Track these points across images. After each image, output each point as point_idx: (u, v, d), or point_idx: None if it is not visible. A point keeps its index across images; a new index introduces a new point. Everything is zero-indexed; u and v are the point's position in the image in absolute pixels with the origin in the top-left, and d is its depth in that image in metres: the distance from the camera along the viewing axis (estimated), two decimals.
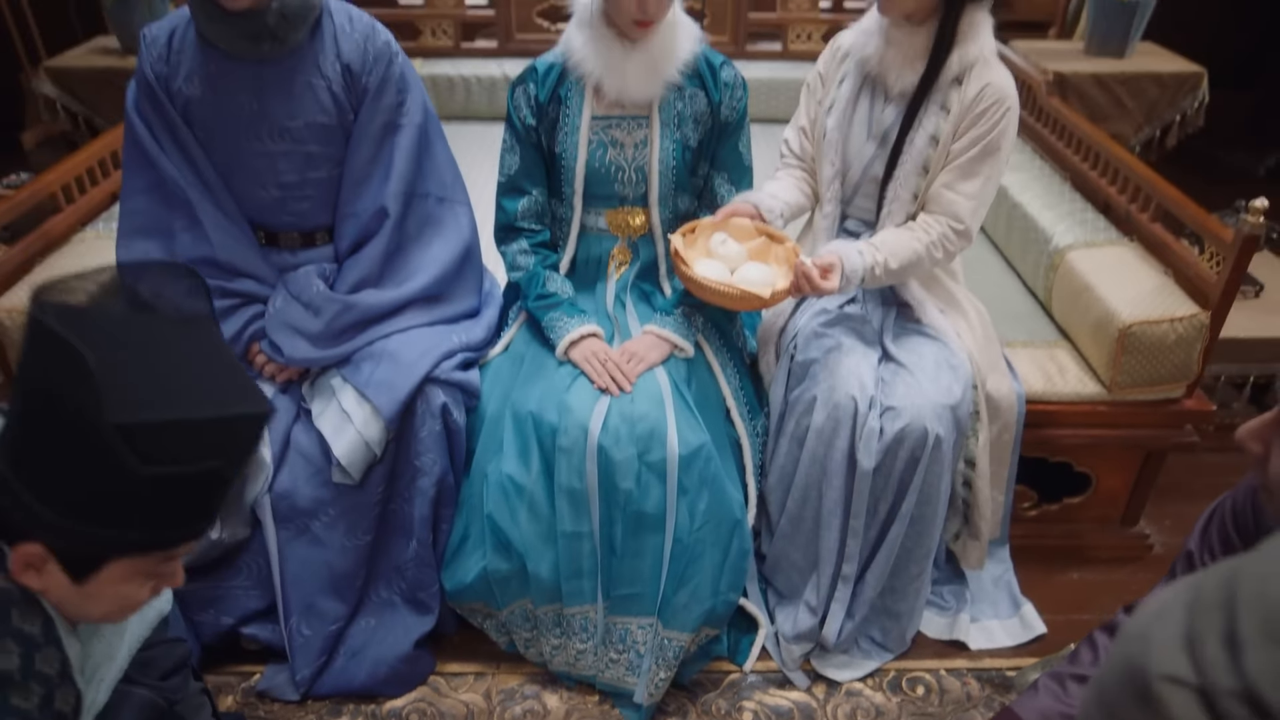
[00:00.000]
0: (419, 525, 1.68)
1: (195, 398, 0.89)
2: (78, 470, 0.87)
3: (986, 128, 1.58)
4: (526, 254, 1.79)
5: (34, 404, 0.88)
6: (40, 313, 0.86)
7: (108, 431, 0.83)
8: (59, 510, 0.88)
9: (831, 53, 1.75)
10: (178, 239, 1.69)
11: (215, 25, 1.57)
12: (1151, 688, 0.58)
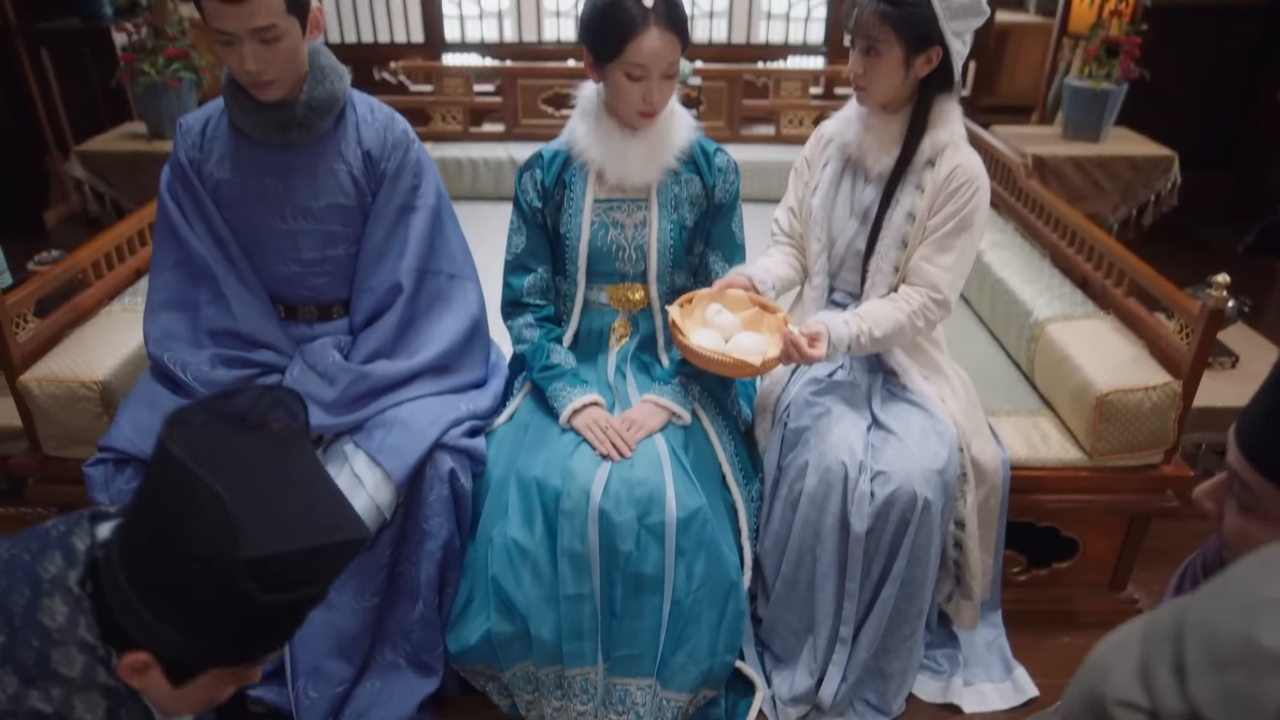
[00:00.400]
0: (425, 587, 1.74)
1: (311, 527, 0.95)
2: (198, 594, 0.92)
3: (959, 205, 1.70)
4: (532, 327, 1.89)
5: (160, 527, 0.93)
6: (172, 446, 0.91)
7: (237, 565, 0.88)
8: (173, 626, 0.93)
9: (816, 139, 1.88)
10: (202, 312, 1.79)
11: (248, 116, 1.70)
12: (1108, 712, 0.65)
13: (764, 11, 4.49)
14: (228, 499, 0.88)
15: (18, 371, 1.87)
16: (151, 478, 0.94)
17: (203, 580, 0.90)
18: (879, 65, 1.67)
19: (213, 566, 0.89)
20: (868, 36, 1.66)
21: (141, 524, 0.95)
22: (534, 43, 4.44)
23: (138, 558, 0.94)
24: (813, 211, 1.86)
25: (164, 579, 0.93)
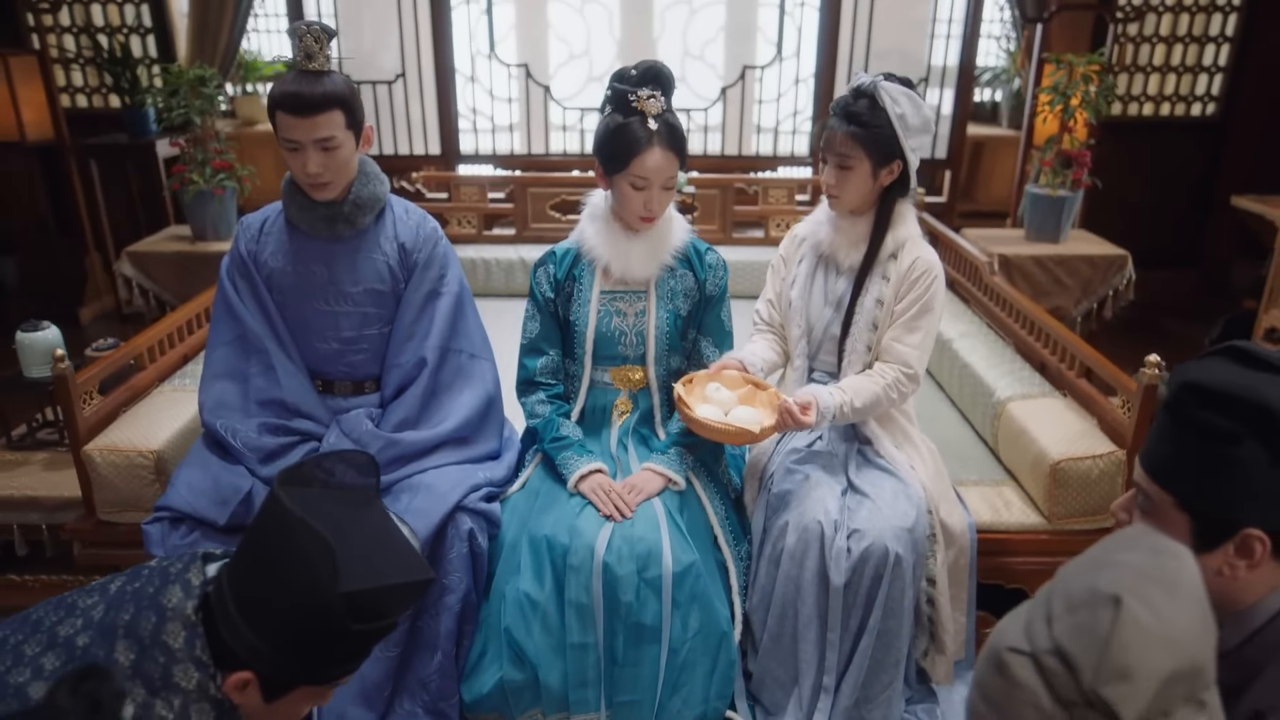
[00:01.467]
0: (444, 639, 1.91)
1: (391, 567, 1.15)
2: (299, 622, 1.10)
3: (920, 292, 1.95)
4: (544, 404, 2.11)
5: (269, 565, 1.11)
6: (285, 498, 1.11)
7: (335, 598, 1.07)
8: (275, 648, 1.12)
9: (790, 239, 2.14)
10: (252, 382, 2.02)
11: (303, 212, 1.98)
12: (1001, 658, 0.86)
13: (755, 126, 4.87)
14: (333, 543, 1.08)
15: (82, 442, 2.09)
16: (261, 524, 1.14)
17: (305, 610, 1.09)
18: (850, 178, 1.94)
19: (314, 599, 1.08)
20: (839, 154, 1.93)
21: (252, 562, 1.14)
22: (542, 154, 4.80)
23: (247, 590, 1.13)
24: (792, 302, 2.11)
25: (270, 608, 1.11)
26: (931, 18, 4.51)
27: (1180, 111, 4.98)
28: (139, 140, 4.50)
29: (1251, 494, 1.10)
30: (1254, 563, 1.13)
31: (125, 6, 4.68)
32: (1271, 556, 1.13)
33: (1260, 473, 1.09)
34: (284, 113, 1.86)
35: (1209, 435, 1.11)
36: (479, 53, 4.68)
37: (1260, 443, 1.08)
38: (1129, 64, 4.85)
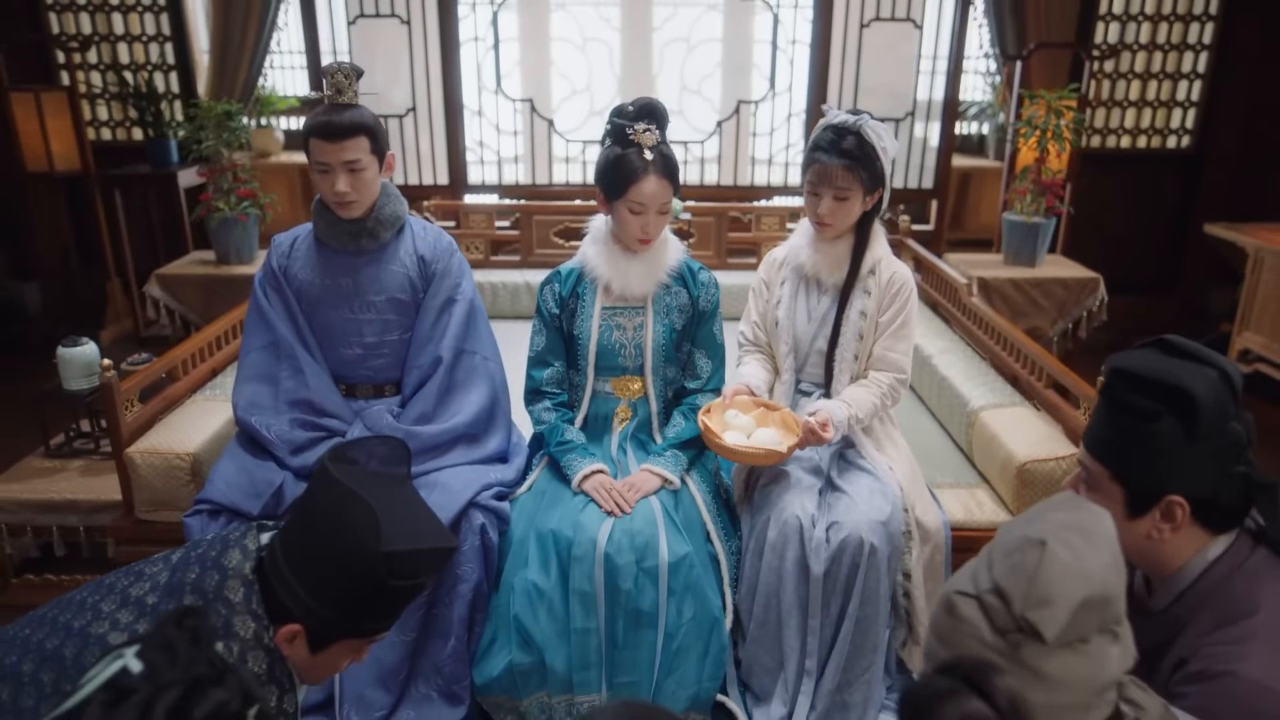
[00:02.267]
0: (457, 625, 2.07)
1: (424, 534, 1.32)
2: (345, 578, 1.27)
3: (901, 303, 2.14)
4: (550, 411, 2.28)
5: (320, 529, 1.28)
6: (335, 466, 1.30)
7: (378, 557, 1.24)
8: (323, 603, 1.28)
9: (770, 264, 2.31)
10: (283, 384, 2.20)
11: (331, 228, 2.18)
12: (950, 599, 1.03)
13: (750, 158, 5.08)
14: (377, 510, 1.26)
15: (125, 445, 2.26)
16: (313, 494, 1.32)
17: (350, 567, 1.26)
18: (845, 208, 2.13)
19: (360, 557, 1.26)
20: (837, 186, 2.11)
21: (304, 527, 1.32)
22: (545, 184, 5.00)
23: (299, 551, 1.30)
24: (779, 322, 2.28)
25: (320, 567, 1.28)
26: (917, 55, 4.72)
27: (1157, 144, 5.20)
28: (161, 171, 4.71)
29: (1171, 465, 1.28)
30: (1176, 526, 1.30)
31: (150, 45, 4.92)
32: (1192, 521, 1.30)
33: (1178, 446, 1.27)
34: (316, 139, 2.07)
35: (1134, 414, 1.30)
36: (485, 88, 4.89)
37: (1178, 419, 1.26)
38: (1106, 99, 5.08)
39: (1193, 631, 1.30)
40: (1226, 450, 1.28)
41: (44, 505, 2.52)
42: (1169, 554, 1.34)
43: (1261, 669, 1.18)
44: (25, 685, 1.26)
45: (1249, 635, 1.23)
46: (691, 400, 2.30)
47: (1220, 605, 1.28)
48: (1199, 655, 1.25)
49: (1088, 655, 0.97)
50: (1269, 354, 4.20)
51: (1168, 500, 1.29)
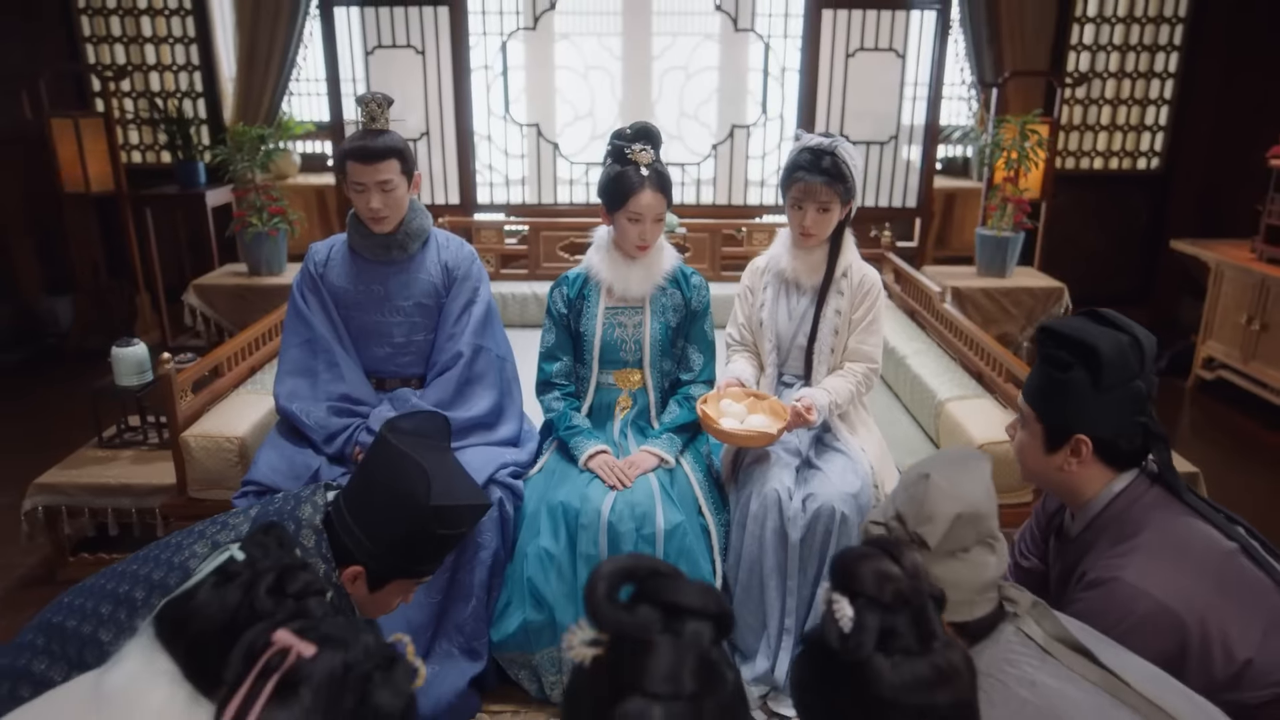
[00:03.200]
0: (478, 588, 2.32)
1: (464, 492, 1.59)
2: (399, 527, 1.53)
3: (871, 301, 2.43)
4: (558, 400, 2.56)
5: (379, 485, 1.55)
6: (392, 434, 1.57)
7: (428, 509, 1.51)
8: (380, 548, 1.54)
9: (752, 272, 2.58)
10: (320, 377, 2.47)
11: (364, 240, 2.45)
12: (867, 527, 1.30)
13: (744, 179, 5.37)
14: (428, 469, 1.52)
15: (180, 429, 2.53)
16: (372, 457, 1.59)
17: (404, 517, 1.53)
18: (827, 219, 2.41)
19: (412, 509, 1.52)
20: (820, 201, 2.38)
21: (365, 484, 1.59)
22: (550, 204, 5.30)
23: (362, 505, 1.57)
24: (763, 323, 2.56)
25: (379, 517, 1.55)
26: (900, 82, 5.03)
27: (1128, 166, 5.50)
28: (189, 191, 5.01)
29: (1079, 409, 1.56)
30: (1082, 460, 1.57)
31: (180, 74, 5.24)
32: (1095, 458, 1.57)
33: (1086, 393, 1.54)
34: (353, 161, 2.35)
35: (1054, 364, 1.58)
36: (494, 114, 5.20)
37: (1086, 371, 1.54)
38: (1079, 123, 5.39)
39: (1095, 552, 1.57)
40: (1128, 401, 1.55)
41: (99, 489, 2.78)
42: (1080, 486, 1.61)
43: (1139, 575, 1.45)
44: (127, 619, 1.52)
45: (1133, 549, 1.49)
46: (685, 390, 2.58)
47: (1117, 529, 1.55)
48: (1095, 568, 1.52)
49: (969, 562, 1.24)
50: (1230, 361, 4.47)
51: (1075, 438, 1.56)
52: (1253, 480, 3.84)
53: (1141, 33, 5.27)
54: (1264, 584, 1.51)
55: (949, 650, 1.03)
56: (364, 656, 0.97)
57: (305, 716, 0.92)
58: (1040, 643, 1.29)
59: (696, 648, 0.89)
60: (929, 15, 4.81)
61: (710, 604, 0.92)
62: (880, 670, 0.99)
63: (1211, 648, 1.44)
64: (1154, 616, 1.43)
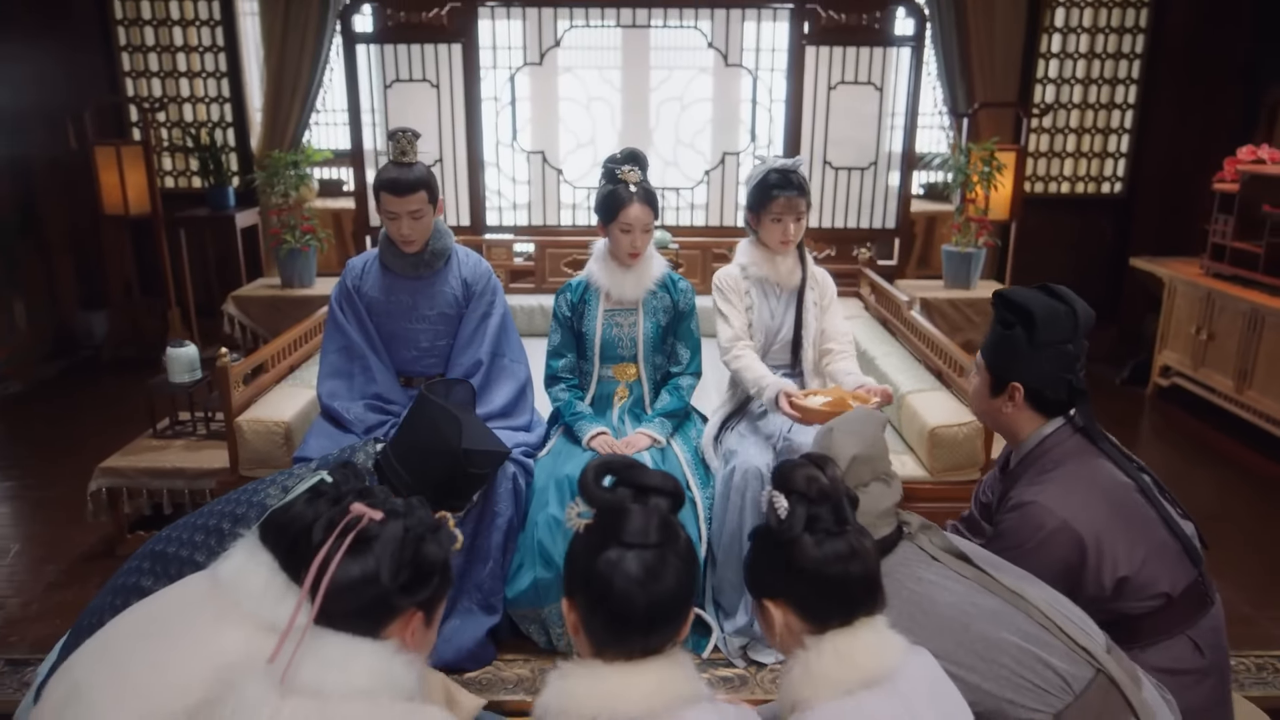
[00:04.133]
0: (495, 551, 2.67)
1: (488, 442, 1.96)
2: (435, 466, 1.88)
3: (832, 293, 2.84)
4: (564, 391, 2.92)
5: (419, 433, 1.91)
6: (430, 394, 1.94)
7: (459, 451, 1.87)
8: (420, 484, 1.88)
9: (733, 283, 2.87)
10: (355, 379, 2.83)
11: (394, 258, 2.82)
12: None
13: (734, 203, 5.75)
14: (460, 420, 1.88)
15: (234, 415, 2.89)
16: (414, 412, 1.95)
17: (440, 458, 1.88)
18: (801, 226, 2.78)
19: (446, 451, 1.88)
20: (798, 211, 2.76)
21: (408, 434, 1.95)
22: (554, 225, 5.69)
23: (405, 450, 1.93)
24: (751, 322, 2.92)
25: (419, 459, 1.90)
26: (878, 113, 5.43)
27: (1093, 190, 5.90)
28: (219, 213, 5.40)
29: (1015, 361, 1.91)
30: (1016, 405, 1.92)
31: (211, 105, 5.65)
32: (1026, 404, 1.91)
33: (1022, 348, 1.89)
34: (386, 193, 2.71)
35: (1000, 323, 1.94)
36: (502, 142, 5.60)
37: (1024, 329, 1.89)
38: (1046, 150, 5.79)
39: (1022, 482, 1.92)
40: (1058, 359, 1.88)
41: (155, 472, 3.14)
42: (1016, 427, 1.96)
43: (1051, 499, 1.80)
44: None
45: (1050, 480, 1.84)
46: (675, 381, 2.94)
47: (1041, 465, 1.90)
48: (1018, 494, 1.87)
49: (868, 494, 1.60)
50: (1183, 369, 4.83)
51: (1011, 385, 1.92)
52: (1205, 474, 4.19)
53: (1102, 67, 5.68)
54: (1153, 520, 1.85)
55: (860, 535, 1.39)
56: (418, 522, 1.34)
57: (375, 564, 1.28)
58: (930, 552, 1.65)
59: (659, 513, 1.26)
60: (904, 51, 5.22)
61: (668, 484, 1.29)
62: (807, 547, 1.35)
63: (1103, 562, 1.79)
64: (1059, 532, 1.78)
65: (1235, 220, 4.47)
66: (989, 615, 1.57)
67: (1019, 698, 1.51)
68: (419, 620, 1.35)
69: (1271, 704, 2.43)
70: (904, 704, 1.32)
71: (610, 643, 1.27)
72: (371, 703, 1.23)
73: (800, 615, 1.37)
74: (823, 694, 1.31)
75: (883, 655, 1.34)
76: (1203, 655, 1.83)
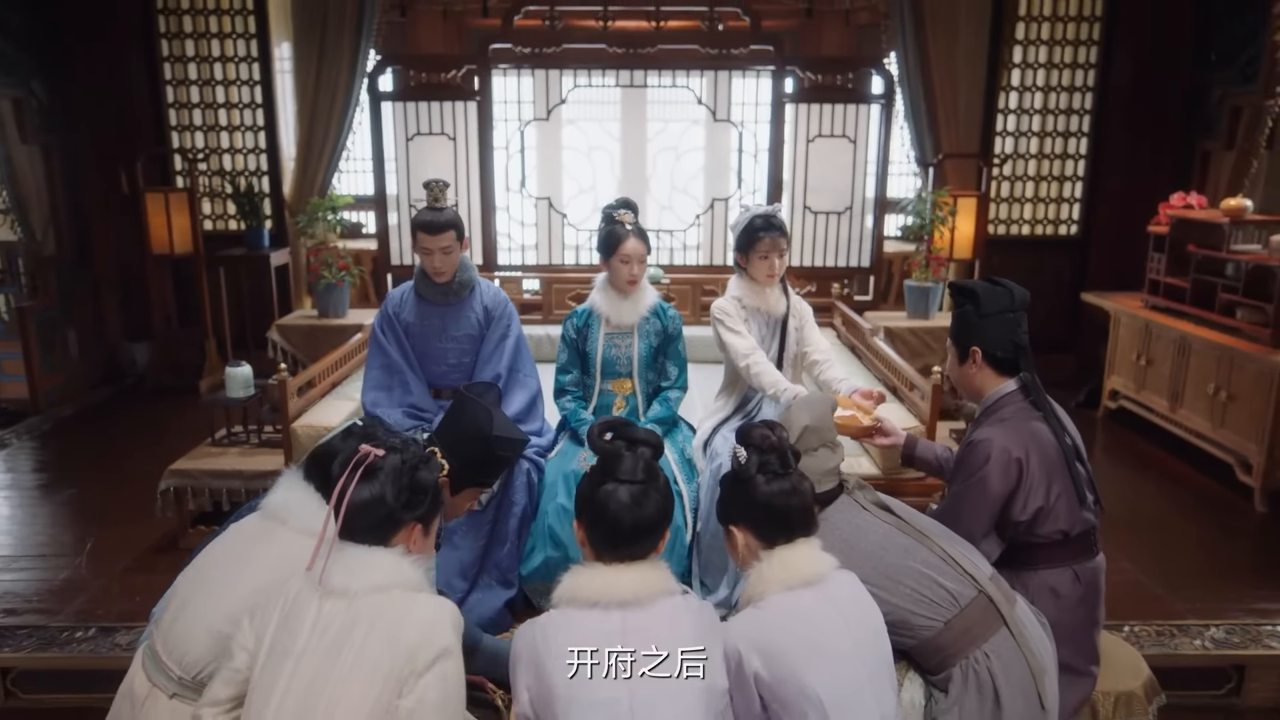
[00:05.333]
0: (512, 534, 3.15)
1: (512, 432, 2.44)
2: (470, 449, 2.33)
3: (809, 317, 3.34)
4: (570, 402, 3.43)
5: (458, 422, 2.38)
6: (468, 394, 2.44)
7: (491, 438, 2.34)
8: (458, 463, 2.34)
9: (734, 308, 3.38)
10: (394, 391, 3.34)
11: (427, 288, 3.35)
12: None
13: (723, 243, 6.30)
14: (491, 413, 2.38)
15: (290, 420, 3.40)
16: (454, 408, 2.44)
17: (474, 443, 2.36)
18: (783, 261, 3.30)
19: (480, 437, 2.36)
20: (779, 248, 3.27)
21: (450, 423, 2.43)
22: (558, 264, 6.23)
23: (447, 435, 2.41)
24: None
25: (457, 442, 2.39)
26: (853, 162, 5.99)
27: (1051, 231, 6.46)
28: (255, 253, 5.95)
29: (970, 331, 2.41)
30: (977, 366, 2.42)
31: (249, 156, 6.23)
32: (985, 364, 2.41)
33: (973, 320, 2.40)
34: (422, 232, 3.24)
35: (956, 305, 2.45)
36: (511, 189, 6.16)
37: (972, 305, 2.39)
38: (1008, 196, 6.36)
39: (977, 429, 2.41)
40: (1002, 326, 2.39)
41: (215, 474, 3.63)
42: (981, 386, 2.45)
43: (995, 435, 2.28)
44: None
45: (994, 422, 2.34)
46: (664, 394, 3.44)
47: (997, 415, 2.38)
48: (971, 435, 2.36)
49: (816, 457, 2.11)
50: (1128, 392, 5.34)
51: (971, 350, 2.42)
52: (1148, 486, 4.72)
53: (1056, 121, 6.27)
54: (1066, 474, 2.33)
55: (800, 478, 1.89)
56: (412, 455, 1.83)
57: (381, 488, 1.76)
58: (861, 504, 2.15)
59: (644, 458, 1.76)
60: (875, 108, 5.80)
61: (651, 438, 1.80)
62: (759, 484, 1.85)
63: (1031, 491, 2.28)
64: (1001, 457, 2.26)
65: (1167, 259, 5.02)
66: (900, 549, 2.07)
67: (919, 609, 2.01)
68: (419, 531, 1.83)
69: (1162, 661, 2.92)
70: (830, 602, 1.81)
71: (606, 550, 1.77)
72: (387, 595, 1.71)
73: (755, 535, 1.87)
74: (772, 589, 1.80)
75: (816, 565, 1.84)
76: (1081, 586, 2.32)
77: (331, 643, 1.67)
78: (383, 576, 1.73)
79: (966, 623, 2.00)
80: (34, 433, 5.31)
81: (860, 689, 1.79)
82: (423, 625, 1.70)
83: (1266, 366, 4.13)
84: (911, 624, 2.01)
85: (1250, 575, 3.67)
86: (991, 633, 2.03)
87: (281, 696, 1.65)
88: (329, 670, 1.65)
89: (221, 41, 6.10)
